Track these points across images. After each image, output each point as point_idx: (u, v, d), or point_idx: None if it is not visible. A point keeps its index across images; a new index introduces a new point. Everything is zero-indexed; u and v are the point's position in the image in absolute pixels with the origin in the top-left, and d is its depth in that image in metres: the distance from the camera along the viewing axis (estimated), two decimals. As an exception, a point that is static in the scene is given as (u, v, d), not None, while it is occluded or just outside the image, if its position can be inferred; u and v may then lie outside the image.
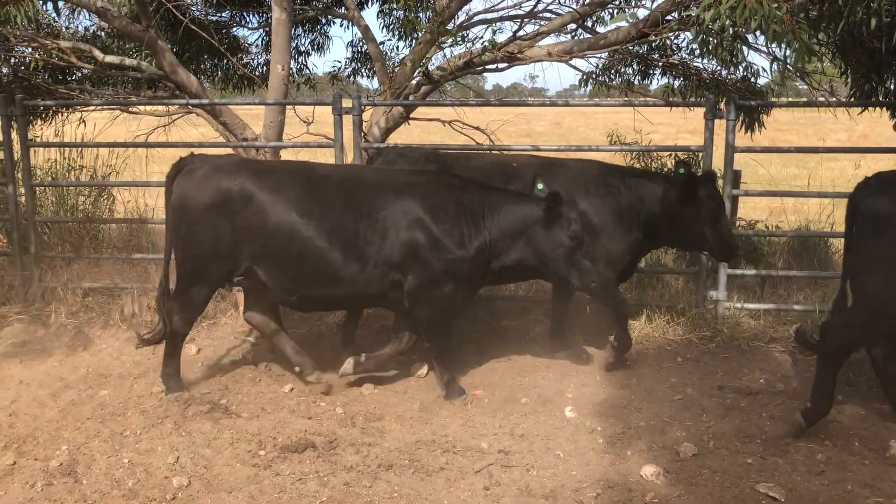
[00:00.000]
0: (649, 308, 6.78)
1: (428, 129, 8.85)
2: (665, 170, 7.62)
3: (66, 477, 4.33)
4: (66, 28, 9.29)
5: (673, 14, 6.07)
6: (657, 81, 8.89)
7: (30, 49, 7.97)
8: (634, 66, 8.47)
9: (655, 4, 6.19)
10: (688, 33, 6.11)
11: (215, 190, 5.18)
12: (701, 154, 6.60)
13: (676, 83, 8.35)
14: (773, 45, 4.57)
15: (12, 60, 8.61)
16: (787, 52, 4.56)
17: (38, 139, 8.27)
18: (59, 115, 9.14)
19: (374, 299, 5.56)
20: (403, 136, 8.46)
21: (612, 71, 8.52)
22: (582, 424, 5.06)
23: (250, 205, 5.15)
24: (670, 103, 6.95)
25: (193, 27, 8.14)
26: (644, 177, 6.04)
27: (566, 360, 6.12)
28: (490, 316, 6.99)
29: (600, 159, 6.34)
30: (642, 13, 6.22)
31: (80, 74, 8.99)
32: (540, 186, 5.37)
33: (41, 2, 5.05)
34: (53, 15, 8.70)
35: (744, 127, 7.60)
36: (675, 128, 21.44)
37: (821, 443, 4.75)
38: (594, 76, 8.55)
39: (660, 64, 8.21)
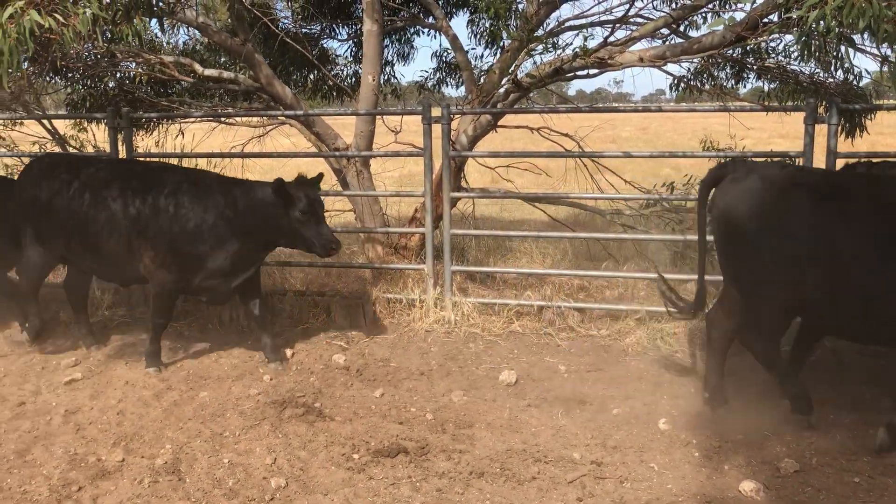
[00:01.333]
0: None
1: (510, 136, 8.82)
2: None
3: (170, 475, 4.50)
4: (168, 43, 9.69)
5: (771, 16, 5.89)
6: (750, 85, 8.66)
7: (134, 64, 8.34)
8: (727, 70, 8.26)
9: (752, 6, 6.01)
10: (788, 36, 5.93)
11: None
12: (800, 160, 6.38)
13: (769, 87, 8.11)
14: (884, 46, 4.38)
15: (118, 75, 9.05)
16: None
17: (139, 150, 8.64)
18: (160, 126, 9.55)
19: None
20: (487, 143, 8.49)
21: (704, 75, 8.33)
22: (677, 437, 4.95)
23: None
24: (767, 108, 6.74)
25: (288, 40, 8.36)
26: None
27: (659, 371, 6.01)
28: (579, 324, 6.92)
29: (693, 165, 6.20)
30: (739, 16, 6.05)
31: (179, 87, 9.35)
32: None
33: (150, 19, 5.27)
34: (156, 31, 9.07)
35: (844, 132, 7.30)
36: (766, 132, 20.80)
37: (934, 462, 4.52)
38: (686, 80, 8.38)
39: (754, 67, 7.98)
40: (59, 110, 10.59)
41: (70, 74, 8.94)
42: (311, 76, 10.75)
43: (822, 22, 4.29)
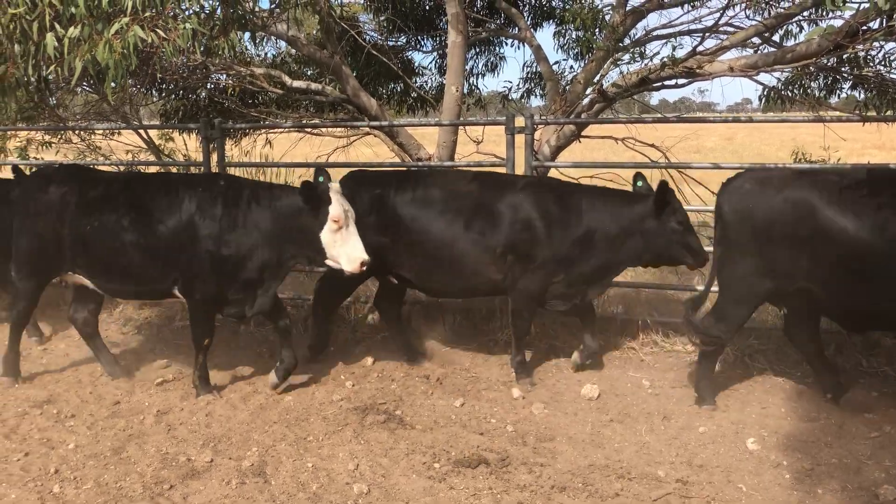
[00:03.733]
0: (840, 337, 6.32)
1: (591, 146, 8.71)
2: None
3: (256, 477, 4.61)
4: (257, 56, 9.99)
5: (871, 24, 5.66)
6: (844, 94, 8.32)
7: (225, 76, 8.63)
8: (821, 80, 7.99)
9: (850, 14, 5.79)
10: (890, 43, 5.68)
11: None
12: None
13: (861, 96, 7.79)
14: None
15: (209, 86, 9.38)
16: None
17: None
18: (248, 136, 9.85)
19: None
20: (568, 154, 8.42)
21: (796, 84, 8.08)
22: (766, 458, 4.79)
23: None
24: (865, 118, 6.48)
25: (374, 52, 8.51)
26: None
27: (747, 389, 5.83)
28: (664, 339, 6.77)
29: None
30: (838, 23, 5.83)
31: (267, 98, 9.62)
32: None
33: (244, 33, 5.45)
34: (247, 44, 9.38)
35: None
36: (860, 143, 19.99)
37: None
38: (777, 90, 8.14)
39: (850, 77, 7.68)
40: (152, 121, 11.03)
41: (164, 87, 9.32)
42: (396, 87, 10.91)
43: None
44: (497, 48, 10.93)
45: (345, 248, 5.41)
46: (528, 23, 9.87)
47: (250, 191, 5.75)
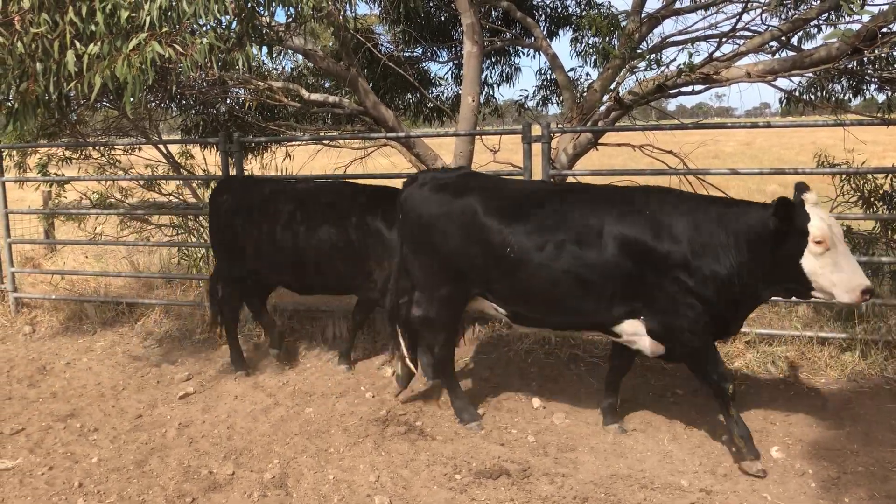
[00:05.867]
0: (863, 343, 6.25)
1: (608, 153, 8.66)
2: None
3: (278, 489, 4.61)
4: (274, 69, 10.06)
5: (892, 26, 5.60)
6: (867, 97, 8.23)
7: (243, 90, 8.69)
8: (843, 83, 7.91)
9: (868, 17, 5.73)
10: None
11: None
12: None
13: (888, 97, 7.70)
14: None
15: (228, 101, 9.46)
16: None
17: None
18: (268, 149, 9.91)
19: None
20: (586, 162, 8.39)
21: (817, 87, 8.01)
22: (790, 466, 4.74)
23: None
24: (886, 121, 6.41)
25: (390, 63, 8.53)
26: None
27: (770, 396, 5.77)
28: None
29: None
30: (857, 26, 5.77)
31: (285, 112, 9.68)
32: None
33: (260, 47, 5.49)
34: (264, 58, 9.44)
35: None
36: (881, 146, 19.80)
37: None
38: (797, 94, 8.08)
39: (874, 79, 7.61)
40: (172, 136, 11.12)
41: (184, 101, 9.40)
42: (412, 98, 10.95)
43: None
44: (512, 58, 10.96)
45: (838, 274, 4.50)
46: (544, 31, 9.88)
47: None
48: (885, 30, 5.58)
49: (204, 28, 5.16)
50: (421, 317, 5.53)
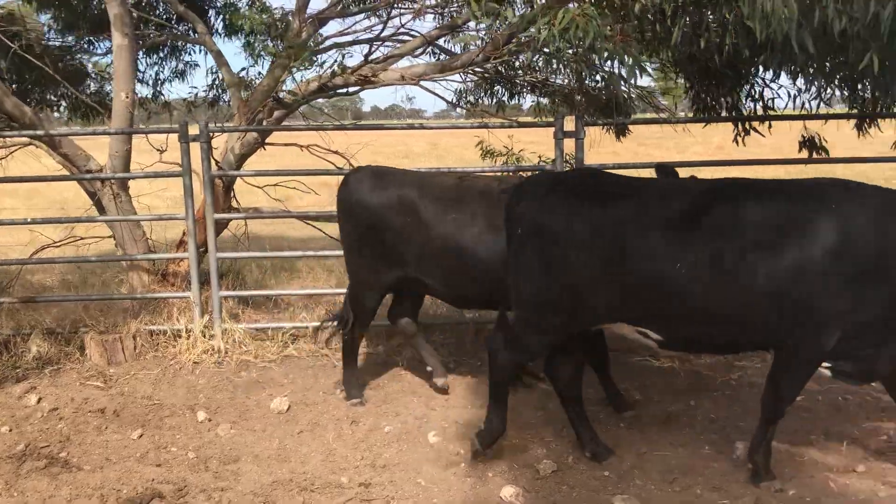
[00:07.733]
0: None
1: (284, 152, 8.55)
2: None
3: None
4: None
5: (519, 36, 6.15)
6: (534, 99, 8.95)
7: None
8: (500, 87, 8.58)
9: (498, 29, 6.25)
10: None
11: None
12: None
13: (541, 101, 8.52)
14: (608, 62, 4.69)
15: None
16: (621, 70, 4.69)
17: None
18: None
19: None
20: (262, 162, 8.24)
21: (481, 91, 8.59)
22: (445, 449, 4.99)
23: None
24: (523, 124, 7.06)
25: (23, 53, 7.63)
26: None
27: (423, 384, 6.04)
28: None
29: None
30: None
31: None
32: None
33: None
34: None
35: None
36: (544, 146, 21.99)
37: (674, 450, 4.87)
38: (463, 97, 8.62)
39: (525, 83, 8.35)
40: None
41: None
42: (68, 92, 9.93)
43: (554, 42, 4.50)
44: (186, 54, 10.42)
45: None
46: (222, 29, 9.49)
47: None
48: (513, 39, 6.10)
49: None
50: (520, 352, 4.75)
